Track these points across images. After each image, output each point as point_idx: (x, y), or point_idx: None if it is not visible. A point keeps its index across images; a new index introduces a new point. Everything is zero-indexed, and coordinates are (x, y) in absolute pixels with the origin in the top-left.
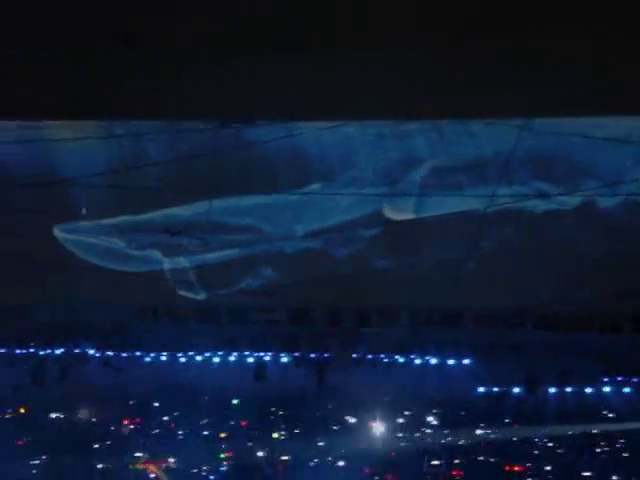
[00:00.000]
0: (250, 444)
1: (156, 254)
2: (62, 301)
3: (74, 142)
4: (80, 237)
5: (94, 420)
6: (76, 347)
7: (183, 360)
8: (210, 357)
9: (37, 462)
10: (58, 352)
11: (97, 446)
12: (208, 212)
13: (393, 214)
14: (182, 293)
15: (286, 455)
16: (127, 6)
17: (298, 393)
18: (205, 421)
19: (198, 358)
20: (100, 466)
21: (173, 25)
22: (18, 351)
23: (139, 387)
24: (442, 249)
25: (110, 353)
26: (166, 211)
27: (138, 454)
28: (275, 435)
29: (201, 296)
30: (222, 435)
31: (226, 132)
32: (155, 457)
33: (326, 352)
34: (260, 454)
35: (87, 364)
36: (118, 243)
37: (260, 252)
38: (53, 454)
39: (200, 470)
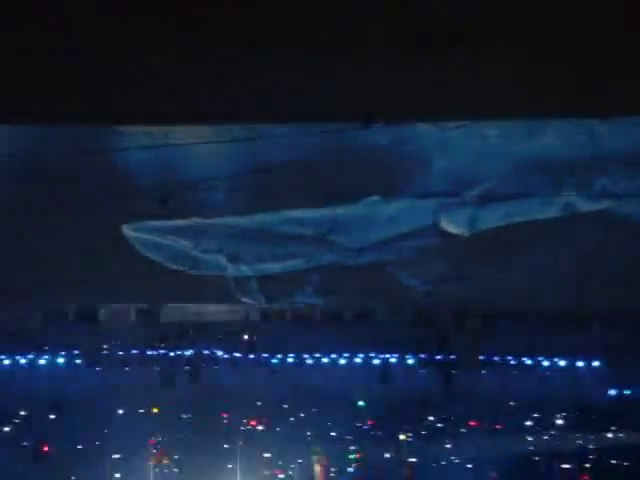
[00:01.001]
0: (377, 445)
1: (281, 256)
2: (191, 303)
3: (196, 146)
4: (207, 240)
5: (225, 421)
6: (205, 348)
7: (310, 362)
8: (336, 359)
9: (167, 462)
10: (188, 353)
11: (227, 446)
12: (330, 215)
13: (515, 215)
14: (307, 296)
15: (413, 457)
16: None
17: (424, 395)
18: (332, 422)
19: (324, 360)
20: (230, 466)
21: (295, 24)
22: (149, 352)
23: (266, 389)
24: (568, 249)
25: (238, 355)
26: (287, 214)
27: (266, 454)
28: (402, 437)
29: (327, 299)
30: (349, 437)
31: (347, 135)
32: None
33: (452, 354)
34: (387, 455)
35: (216, 365)
36: (245, 245)
37: (385, 254)
38: (185, 454)
39: (328, 471)
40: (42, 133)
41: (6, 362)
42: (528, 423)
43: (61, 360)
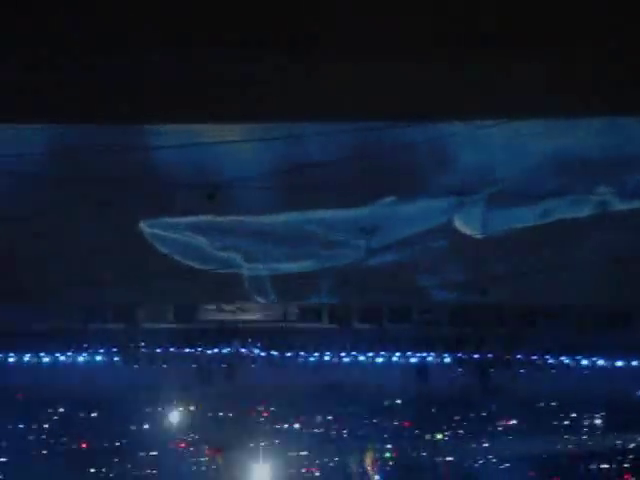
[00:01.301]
0: (414, 444)
1: (319, 255)
2: (230, 302)
3: (235, 144)
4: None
5: (261, 419)
6: (242, 346)
7: (346, 360)
8: (373, 357)
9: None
10: (224, 351)
11: (264, 444)
12: (372, 213)
13: (559, 212)
14: (344, 293)
15: (450, 456)
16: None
17: (461, 394)
18: (368, 421)
19: (361, 358)
20: (266, 464)
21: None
22: (187, 350)
23: (303, 387)
24: (608, 247)
25: (274, 353)
26: (329, 212)
27: (303, 452)
28: (439, 436)
29: (364, 296)
30: (385, 435)
31: (389, 132)
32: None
33: (489, 353)
34: (424, 454)
35: (253, 363)
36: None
37: (423, 253)
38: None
39: (364, 470)
40: (82, 132)
41: (46, 360)
42: (566, 422)
43: (100, 358)
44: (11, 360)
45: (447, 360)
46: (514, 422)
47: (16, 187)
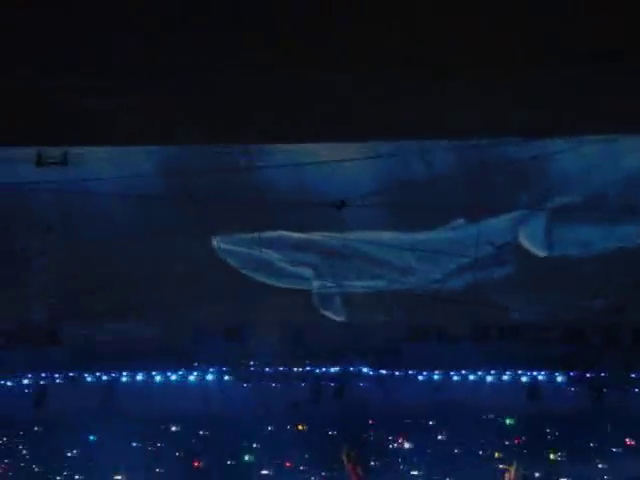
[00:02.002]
0: (526, 464)
1: (428, 273)
2: (335, 322)
3: (339, 163)
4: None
5: (370, 438)
6: (351, 365)
7: (456, 378)
8: (483, 376)
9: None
10: (333, 370)
11: (373, 464)
12: (477, 231)
13: None
14: (454, 313)
15: (564, 477)
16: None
17: (574, 413)
18: (480, 440)
19: (471, 377)
20: None
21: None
22: (295, 369)
23: (412, 405)
24: None
25: (383, 372)
26: (435, 231)
27: (414, 472)
28: (552, 456)
29: (473, 316)
30: (497, 454)
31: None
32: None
33: (603, 372)
34: (537, 475)
35: (361, 382)
36: (391, 262)
37: (533, 270)
38: (330, 470)
39: None
40: (193, 153)
41: (158, 378)
42: None
43: (210, 377)
44: (124, 379)
45: (559, 379)
46: (630, 442)
47: (129, 207)
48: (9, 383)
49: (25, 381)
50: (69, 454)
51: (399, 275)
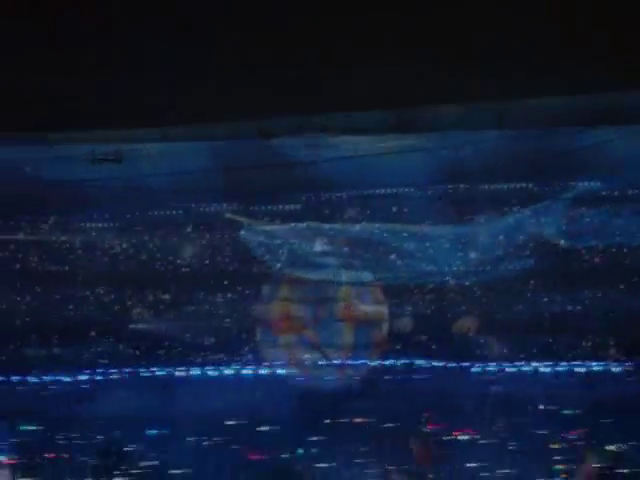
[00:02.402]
0: (585, 456)
1: (477, 265)
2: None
3: (395, 155)
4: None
5: (428, 430)
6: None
7: (511, 370)
8: (537, 367)
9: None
10: (387, 363)
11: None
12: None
13: None
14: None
15: (624, 468)
16: None
17: (633, 403)
18: (534, 432)
19: (525, 369)
20: (430, 476)
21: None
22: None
23: (467, 398)
24: None
25: (437, 364)
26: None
27: (469, 464)
28: (611, 447)
29: (525, 306)
30: (554, 446)
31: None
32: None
33: None
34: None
35: (414, 374)
36: (439, 254)
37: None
38: (387, 463)
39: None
40: (242, 148)
41: (211, 373)
42: None
43: (264, 371)
44: (178, 374)
45: (616, 369)
46: None
47: (178, 203)
48: (66, 379)
49: (81, 377)
50: (125, 449)
51: (447, 267)
